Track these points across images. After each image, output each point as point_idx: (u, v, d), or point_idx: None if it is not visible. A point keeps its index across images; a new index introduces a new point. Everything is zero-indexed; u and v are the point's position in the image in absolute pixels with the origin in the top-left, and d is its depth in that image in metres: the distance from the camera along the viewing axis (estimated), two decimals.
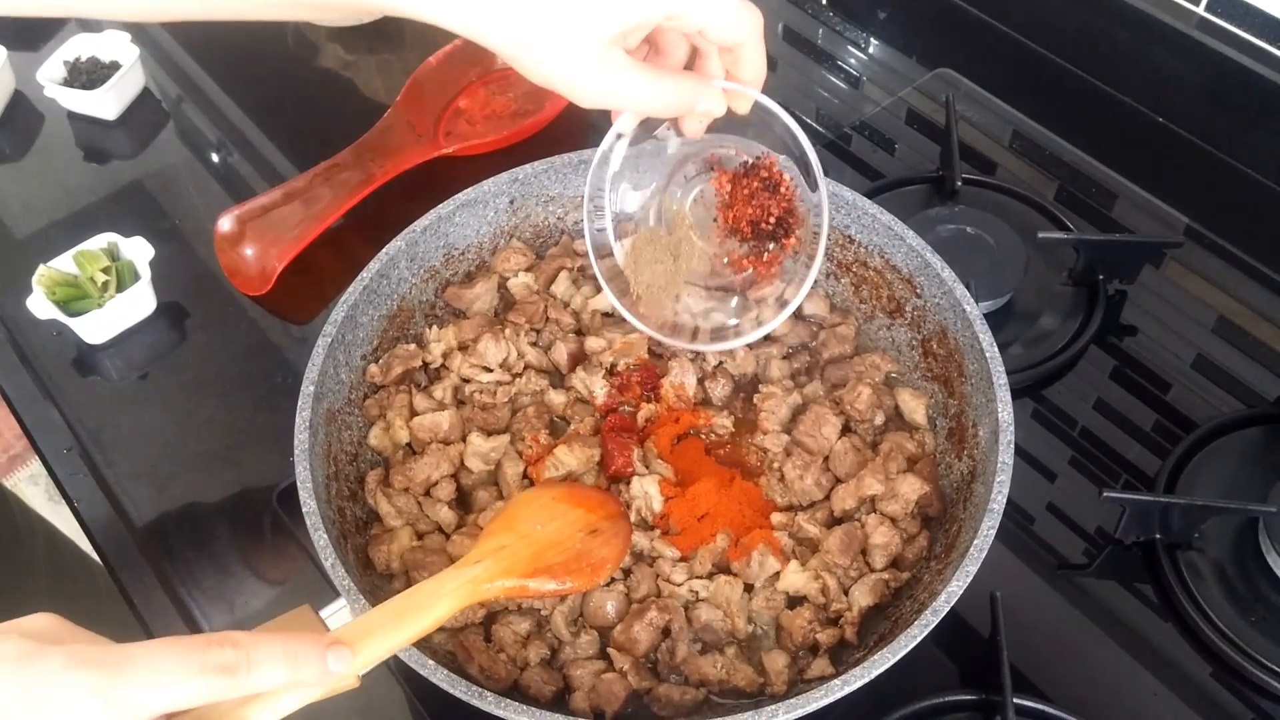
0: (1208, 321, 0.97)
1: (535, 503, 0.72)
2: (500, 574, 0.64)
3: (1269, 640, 0.77)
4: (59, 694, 0.41)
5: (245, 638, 0.46)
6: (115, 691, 0.42)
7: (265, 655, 0.46)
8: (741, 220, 0.74)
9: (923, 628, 0.65)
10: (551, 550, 0.68)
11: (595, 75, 0.58)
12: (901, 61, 1.22)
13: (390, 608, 0.57)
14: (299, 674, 0.47)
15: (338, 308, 0.81)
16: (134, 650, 0.43)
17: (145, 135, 1.19)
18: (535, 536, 0.68)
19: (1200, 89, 1.07)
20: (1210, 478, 0.85)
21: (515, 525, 0.69)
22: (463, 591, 0.61)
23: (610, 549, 0.71)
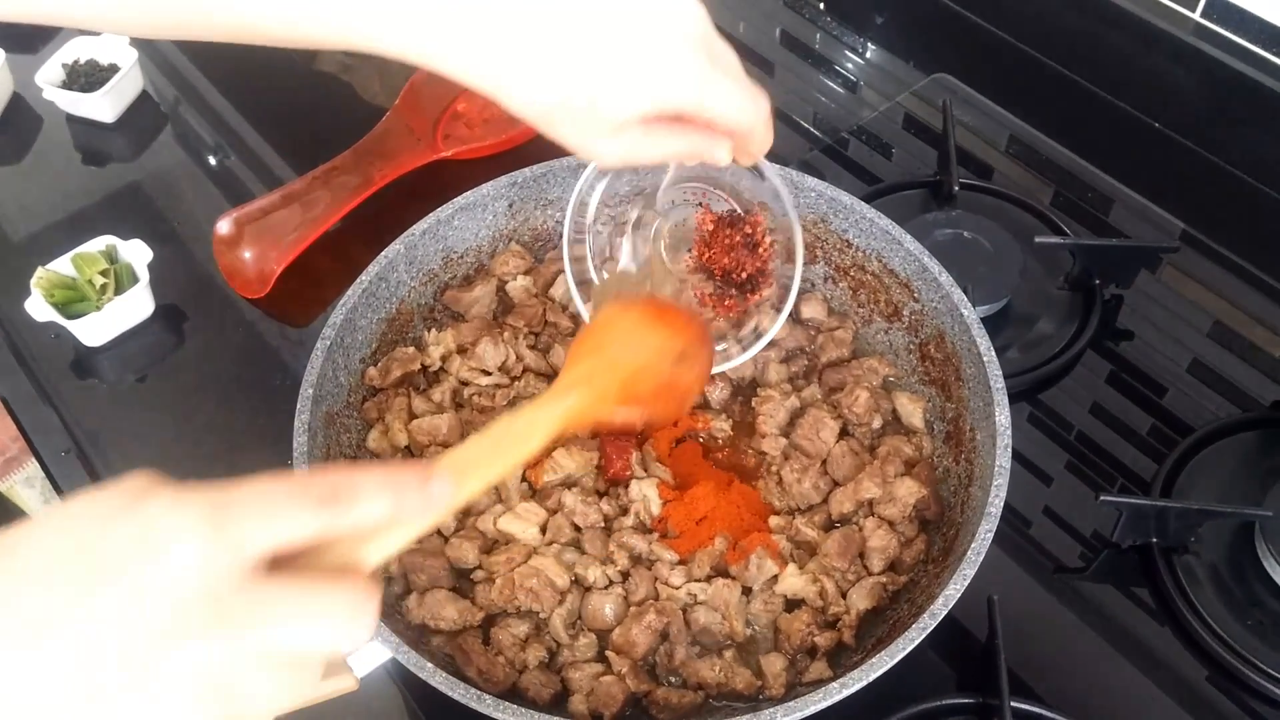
0: (1204, 326, 0.97)
1: (622, 325, 0.68)
2: (592, 404, 0.61)
3: (1265, 644, 0.77)
4: (168, 525, 0.40)
5: (345, 471, 0.46)
6: (225, 521, 0.41)
7: (368, 487, 0.45)
8: (715, 264, 0.78)
9: (920, 631, 0.66)
10: (640, 377, 0.65)
11: (610, 145, 0.60)
12: (899, 66, 1.23)
13: (486, 440, 0.55)
14: (402, 502, 0.46)
15: (336, 311, 0.81)
16: (239, 486, 0.43)
17: (144, 138, 1.19)
18: (624, 363, 0.65)
19: (1197, 94, 1.08)
20: (1206, 482, 0.85)
21: (603, 350, 0.66)
22: (557, 422, 0.59)
23: (695, 374, 0.69)
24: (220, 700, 0.40)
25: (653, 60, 0.58)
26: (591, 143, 0.60)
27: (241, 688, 0.41)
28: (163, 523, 0.40)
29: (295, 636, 0.42)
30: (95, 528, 0.41)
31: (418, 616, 0.75)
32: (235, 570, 0.41)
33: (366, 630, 0.43)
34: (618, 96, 0.58)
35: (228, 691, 0.41)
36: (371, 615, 0.43)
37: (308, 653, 0.43)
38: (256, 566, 0.42)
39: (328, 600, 0.42)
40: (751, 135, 0.63)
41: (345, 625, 0.43)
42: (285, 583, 0.42)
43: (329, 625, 0.42)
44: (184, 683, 0.40)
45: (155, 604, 0.39)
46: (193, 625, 0.40)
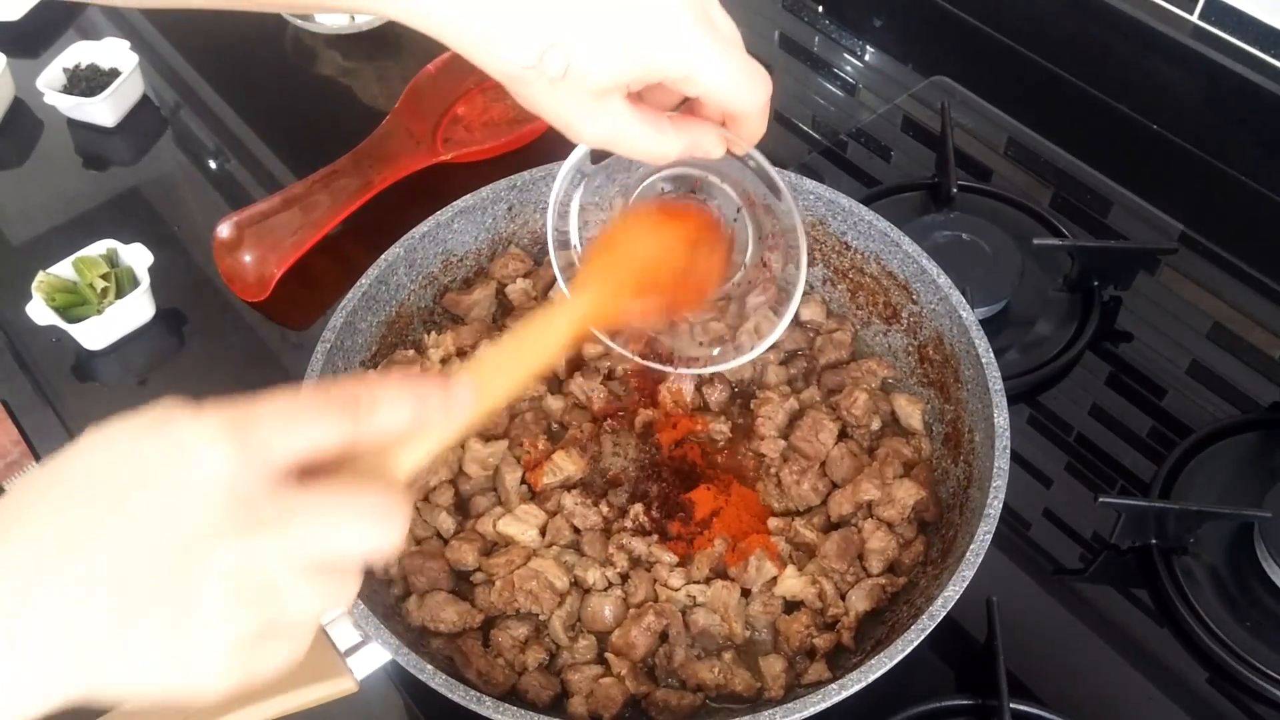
0: (1202, 327, 0.97)
1: (633, 223, 0.67)
2: (608, 298, 0.60)
3: (1264, 645, 0.78)
4: (194, 437, 0.41)
5: (367, 380, 0.46)
6: (248, 430, 0.41)
7: (389, 393, 0.45)
8: None
9: (919, 632, 0.66)
10: (656, 266, 0.63)
11: (591, 119, 0.56)
12: (897, 69, 1.23)
13: (504, 346, 0.55)
14: (424, 409, 0.46)
15: (336, 314, 0.82)
16: (260, 400, 0.43)
17: (144, 142, 1.19)
18: (638, 254, 0.63)
19: (1195, 96, 1.08)
20: (1205, 483, 0.85)
21: (616, 246, 0.64)
22: (575, 321, 0.58)
23: (713, 261, 0.67)
24: (257, 604, 0.41)
25: (639, 20, 0.53)
26: (570, 113, 0.56)
27: (277, 592, 0.41)
28: (189, 436, 0.41)
29: (328, 537, 0.42)
30: (124, 447, 0.41)
31: (417, 619, 0.75)
32: (263, 477, 0.41)
33: (398, 532, 0.43)
34: (597, 58, 0.53)
35: (263, 596, 0.41)
36: (403, 518, 0.43)
37: (342, 555, 0.43)
38: (285, 474, 0.42)
39: (358, 502, 0.43)
40: (747, 119, 0.58)
41: (377, 526, 0.43)
42: (315, 488, 0.42)
43: (361, 526, 0.42)
44: (219, 586, 0.40)
45: (186, 510, 0.40)
46: (224, 528, 0.40)
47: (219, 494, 0.40)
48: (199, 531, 0.40)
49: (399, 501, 0.44)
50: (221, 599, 0.40)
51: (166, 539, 0.40)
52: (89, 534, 0.39)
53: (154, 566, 0.39)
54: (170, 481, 0.40)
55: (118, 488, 0.40)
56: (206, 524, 0.40)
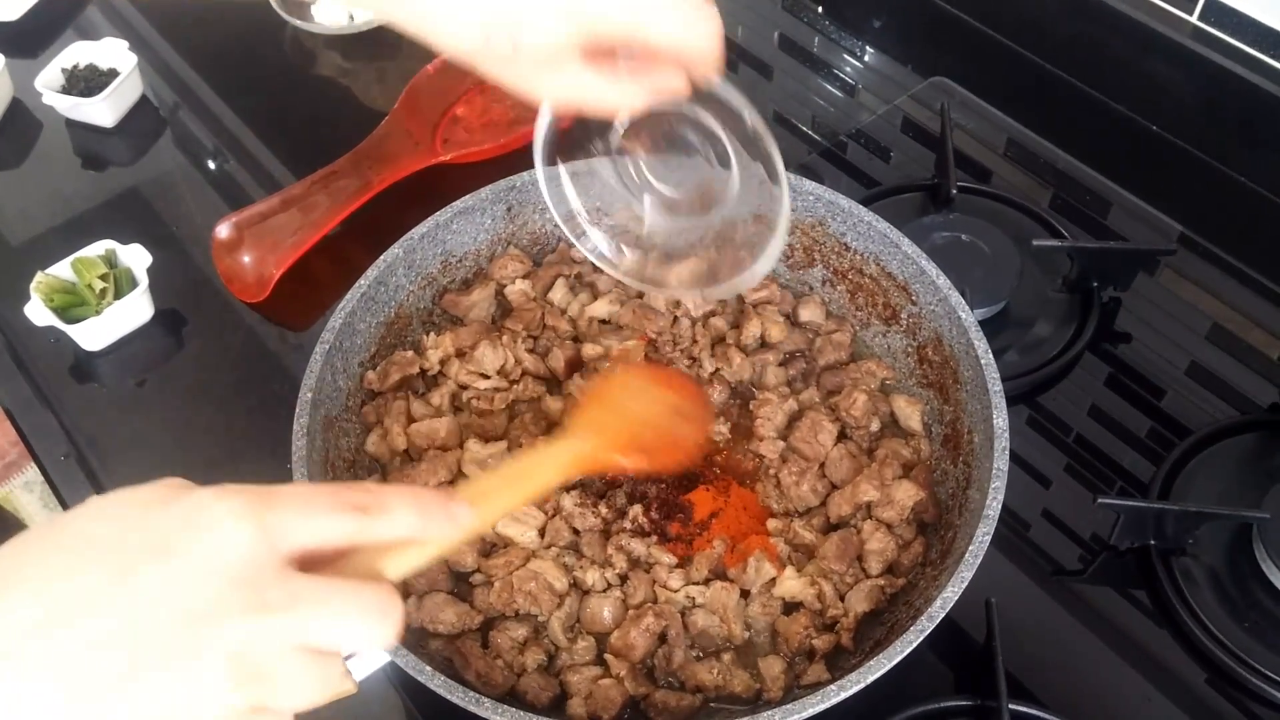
0: (1201, 328, 0.97)
1: (626, 383, 0.73)
2: (599, 448, 0.65)
3: (1263, 646, 0.78)
4: (216, 510, 0.42)
5: (376, 486, 0.49)
6: (268, 512, 0.43)
7: (397, 501, 0.47)
8: None
9: (918, 633, 0.66)
10: (643, 429, 0.68)
11: (550, 82, 0.58)
12: (897, 70, 1.23)
13: (502, 475, 0.59)
14: (427, 522, 0.48)
15: (335, 315, 0.82)
16: (280, 486, 0.45)
17: (143, 143, 1.19)
18: (628, 415, 0.69)
19: (1194, 97, 1.08)
20: (1204, 484, 0.85)
21: (608, 403, 0.70)
22: (567, 462, 0.62)
23: (695, 429, 0.72)
24: (251, 684, 0.41)
25: None
26: (529, 80, 0.58)
27: (272, 675, 0.42)
28: (210, 508, 0.42)
29: (328, 627, 0.43)
30: (140, 513, 0.42)
31: (416, 620, 0.75)
32: (275, 559, 0.43)
33: (394, 629, 0.45)
34: (542, 28, 0.55)
35: (259, 677, 0.41)
36: (398, 617, 0.45)
37: (337, 645, 0.44)
38: (293, 561, 0.43)
39: (359, 597, 0.44)
40: (702, 57, 0.59)
41: (375, 622, 0.44)
42: (319, 577, 0.44)
43: (360, 620, 0.44)
44: (220, 664, 0.41)
45: (199, 584, 0.41)
46: (233, 607, 0.41)
47: (232, 571, 0.41)
48: (208, 607, 0.41)
49: (395, 599, 0.45)
50: (221, 676, 0.41)
51: (176, 610, 0.40)
52: (97, 598, 0.40)
53: (160, 635, 0.40)
54: (186, 553, 0.41)
55: (129, 555, 0.41)
56: (218, 600, 0.41)
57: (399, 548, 0.48)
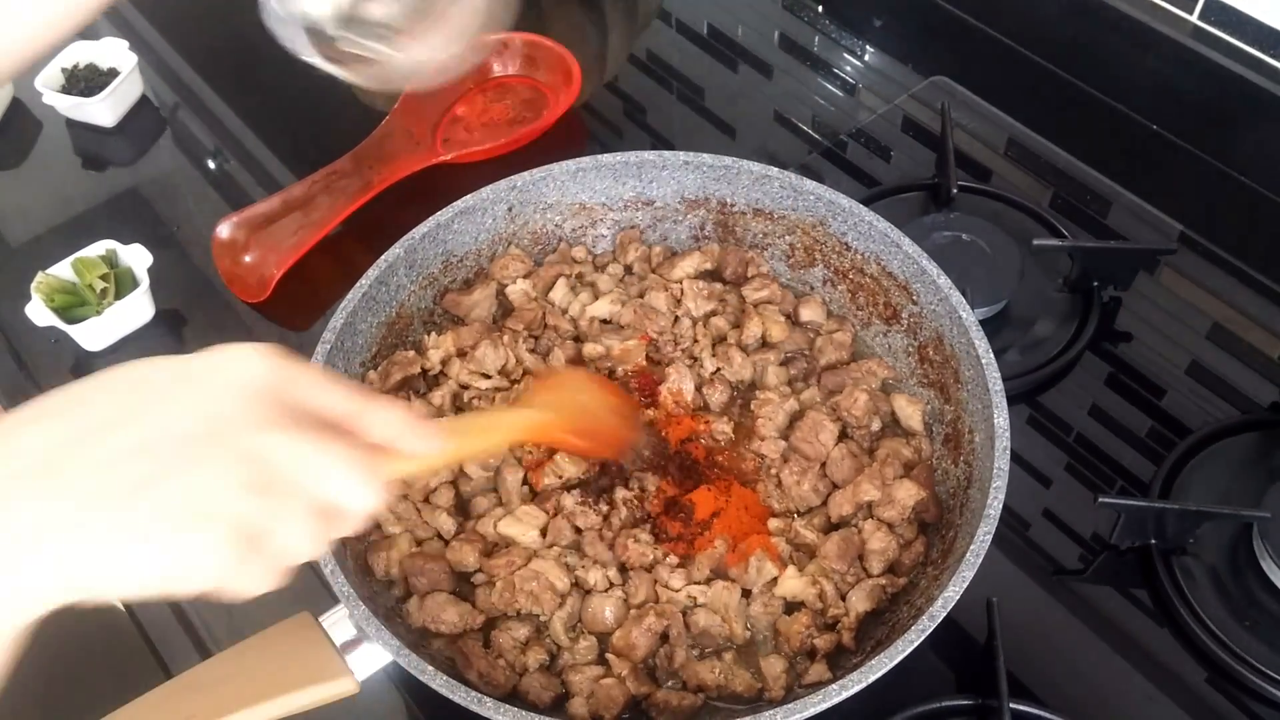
0: (1202, 328, 0.97)
1: (576, 378, 0.83)
2: (548, 422, 0.72)
3: (1264, 645, 0.78)
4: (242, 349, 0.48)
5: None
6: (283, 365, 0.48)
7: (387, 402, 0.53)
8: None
9: (920, 633, 0.66)
10: (587, 417, 0.76)
11: None
12: (897, 69, 1.23)
13: (471, 422, 0.70)
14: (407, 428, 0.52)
15: (336, 315, 0.82)
16: None
17: (143, 142, 1.19)
18: (575, 403, 0.76)
19: (1194, 97, 1.08)
20: (1205, 483, 0.85)
21: (559, 391, 0.78)
22: (519, 426, 0.70)
23: (630, 434, 0.80)
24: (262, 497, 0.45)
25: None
26: None
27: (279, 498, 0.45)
28: (232, 348, 0.48)
29: (329, 465, 0.47)
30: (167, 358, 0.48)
31: (418, 620, 0.75)
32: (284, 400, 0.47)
33: (374, 497, 0.49)
34: None
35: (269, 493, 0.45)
36: (380, 490, 0.49)
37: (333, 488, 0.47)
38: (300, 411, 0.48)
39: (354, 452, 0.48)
40: None
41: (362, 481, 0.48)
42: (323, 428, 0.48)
43: (351, 474, 0.48)
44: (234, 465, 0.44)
45: (218, 400, 0.45)
46: (249, 420, 0.45)
47: (250, 393, 0.46)
48: (227, 419, 0.45)
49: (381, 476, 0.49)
50: (235, 478, 0.44)
51: (197, 422, 0.44)
52: (124, 417, 0.44)
53: (181, 445, 0.44)
54: (209, 379, 0.46)
55: (155, 385, 0.46)
56: (235, 414, 0.45)
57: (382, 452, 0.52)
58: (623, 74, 1.26)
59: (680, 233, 0.96)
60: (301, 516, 0.46)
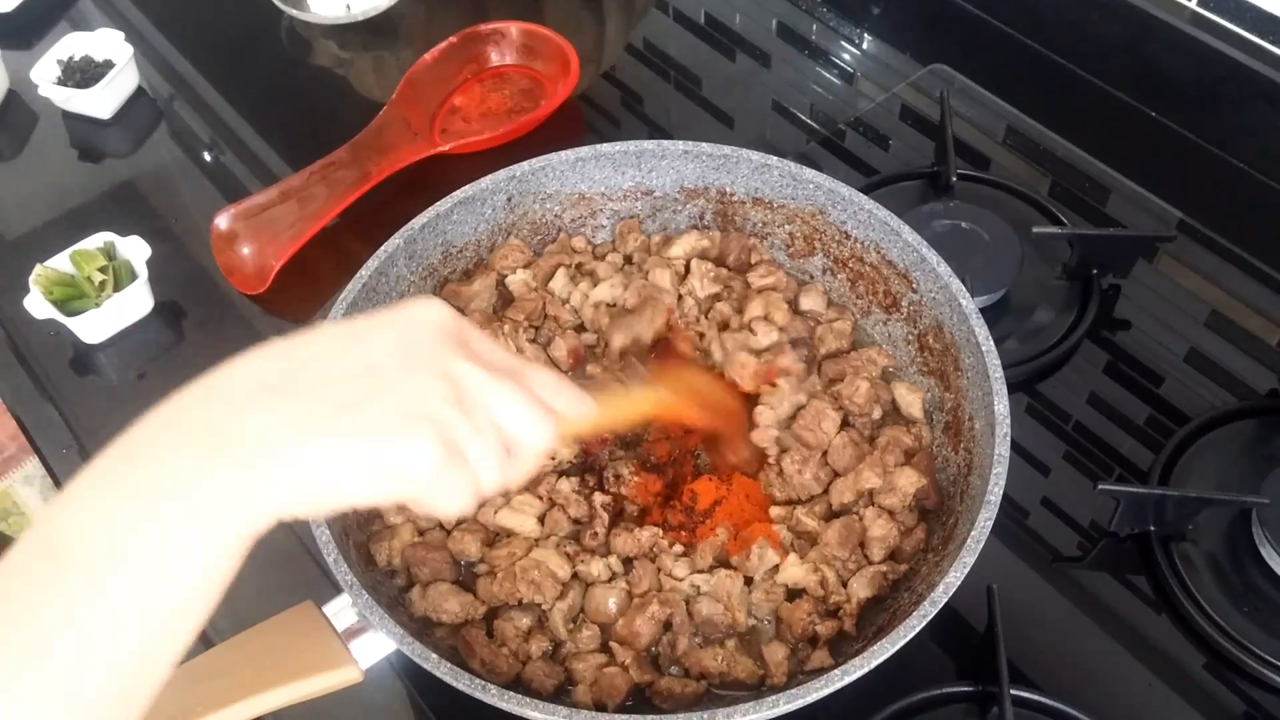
0: (1201, 315, 0.98)
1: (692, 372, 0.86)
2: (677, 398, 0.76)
3: (1262, 631, 0.78)
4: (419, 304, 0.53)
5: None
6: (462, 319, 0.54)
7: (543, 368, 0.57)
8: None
9: (921, 619, 0.66)
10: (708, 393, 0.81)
11: None
12: (895, 57, 1.23)
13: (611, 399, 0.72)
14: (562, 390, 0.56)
15: (337, 306, 0.81)
16: None
17: (140, 134, 1.19)
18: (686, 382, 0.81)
19: (1193, 84, 1.08)
20: (1203, 470, 0.86)
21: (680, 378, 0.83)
22: (650, 400, 0.75)
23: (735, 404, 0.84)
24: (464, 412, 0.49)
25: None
26: None
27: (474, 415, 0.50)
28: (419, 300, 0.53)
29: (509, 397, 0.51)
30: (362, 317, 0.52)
31: (421, 609, 0.75)
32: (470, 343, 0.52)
33: (548, 436, 0.53)
34: None
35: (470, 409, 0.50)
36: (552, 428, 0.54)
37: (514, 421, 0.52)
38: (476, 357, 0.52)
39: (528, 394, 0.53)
40: None
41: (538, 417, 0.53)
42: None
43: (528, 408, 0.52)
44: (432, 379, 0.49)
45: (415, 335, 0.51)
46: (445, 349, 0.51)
47: (444, 331, 0.51)
48: (425, 349, 0.50)
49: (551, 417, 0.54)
50: (438, 393, 0.49)
51: (397, 353, 0.50)
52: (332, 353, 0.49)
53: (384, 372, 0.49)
54: (403, 322, 0.52)
55: (355, 329, 0.51)
56: (432, 344, 0.51)
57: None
58: (620, 64, 1.25)
59: (680, 222, 0.96)
60: (491, 436, 0.51)
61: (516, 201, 0.92)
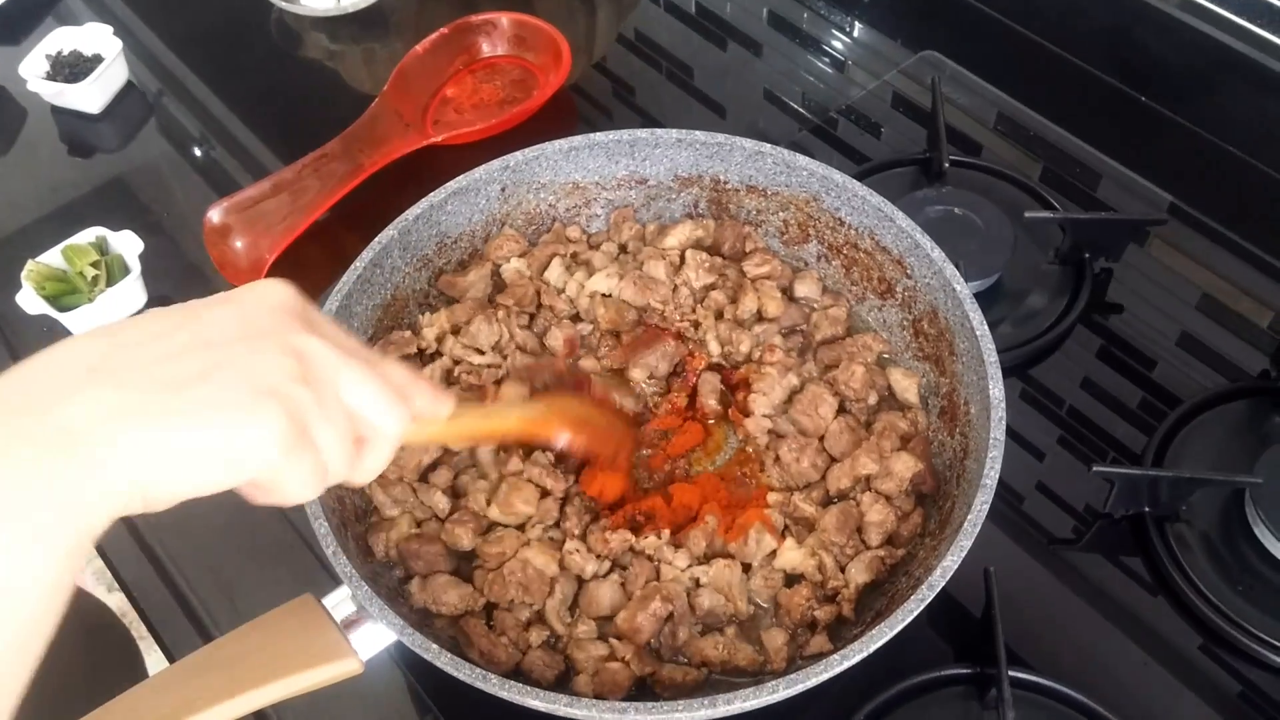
0: (1192, 298, 0.98)
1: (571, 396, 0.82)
2: (549, 417, 0.73)
3: (1256, 609, 0.79)
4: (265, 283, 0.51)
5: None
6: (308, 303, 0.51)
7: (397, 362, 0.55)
8: None
9: (919, 602, 0.66)
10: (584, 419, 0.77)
11: None
12: (886, 45, 1.23)
13: (472, 409, 0.69)
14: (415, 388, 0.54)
15: (332, 297, 0.81)
16: None
17: (130, 128, 1.18)
18: (574, 405, 0.78)
19: (1182, 68, 1.08)
20: (1196, 452, 0.86)
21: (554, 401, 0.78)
22: (528, 418, 0.72)
23: (623, 437, 0.81)
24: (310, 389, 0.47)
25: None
26: None
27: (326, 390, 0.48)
28: (263, 280, 0.51)
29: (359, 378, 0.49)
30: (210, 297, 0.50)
31: (420, 600, 0.75)
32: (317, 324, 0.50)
33: (401, 422, 0.52)
34: None
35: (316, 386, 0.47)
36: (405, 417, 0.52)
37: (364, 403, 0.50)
38: None
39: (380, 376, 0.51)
40: None
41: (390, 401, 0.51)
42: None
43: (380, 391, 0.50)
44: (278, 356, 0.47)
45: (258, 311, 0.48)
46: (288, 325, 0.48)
47: (287, 307, 0.49)
48: (268, 324, 0.48)
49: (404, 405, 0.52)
50: (284, 369, 0.46)
51: (240, 328, 0.47)
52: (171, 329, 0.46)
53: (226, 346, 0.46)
54: (245, 298, 0.49)
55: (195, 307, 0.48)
56: (275, 320, 0.48)
57: None
58: (611, 54, 1.25)
59: (674, 211, 0.96)
60: (341, 418, 0.48)
61: (510, 191, 0.92)
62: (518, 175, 0.91)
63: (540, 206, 0.94)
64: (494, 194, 0.91)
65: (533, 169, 0.91)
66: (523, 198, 0.93)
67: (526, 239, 0.94)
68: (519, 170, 0.91)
